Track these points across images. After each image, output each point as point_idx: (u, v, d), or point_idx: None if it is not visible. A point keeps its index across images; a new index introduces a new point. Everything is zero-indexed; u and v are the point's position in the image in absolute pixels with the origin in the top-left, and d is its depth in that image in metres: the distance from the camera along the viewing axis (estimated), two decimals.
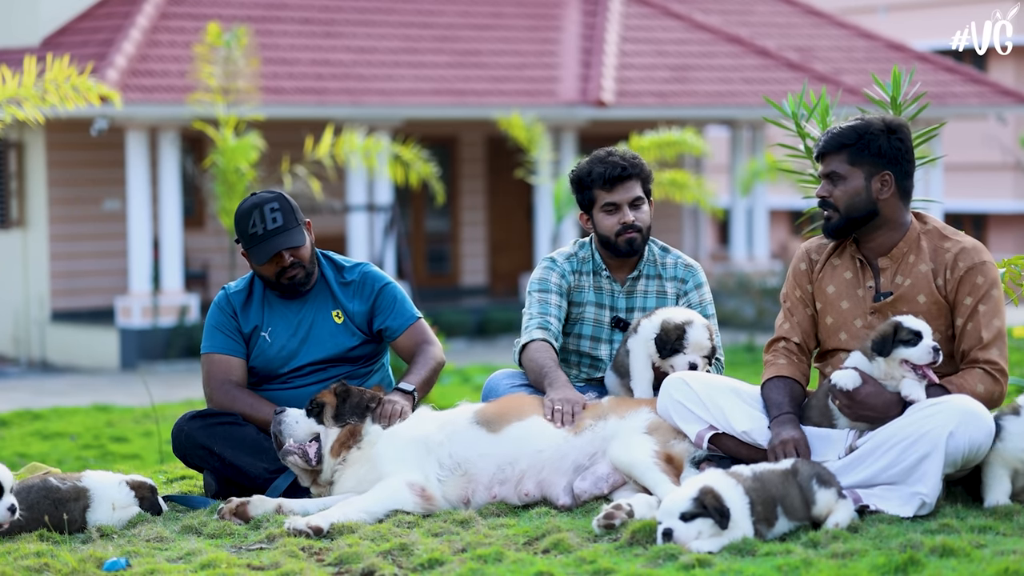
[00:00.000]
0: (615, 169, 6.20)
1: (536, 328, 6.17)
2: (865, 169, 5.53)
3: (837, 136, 5.56)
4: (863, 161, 5.52)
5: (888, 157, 5.52)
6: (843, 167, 5.54)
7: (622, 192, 6.21)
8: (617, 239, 6.22)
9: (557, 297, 6.25)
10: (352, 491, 5.69)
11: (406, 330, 6.29)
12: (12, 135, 22.87)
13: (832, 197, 5.56)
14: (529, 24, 26.48)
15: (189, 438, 6.15)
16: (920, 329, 5.30)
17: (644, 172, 6.26)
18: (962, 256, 5.50)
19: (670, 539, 4.89)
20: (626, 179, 6.21)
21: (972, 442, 5.19)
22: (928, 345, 5.28)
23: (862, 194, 5.52)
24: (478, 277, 27.65)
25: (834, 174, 5.56)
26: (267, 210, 6.18)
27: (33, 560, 5.03)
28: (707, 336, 5.90)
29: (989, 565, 4.58)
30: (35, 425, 14.52)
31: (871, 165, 5.52)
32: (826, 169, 5.58)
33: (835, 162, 5.56)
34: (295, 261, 6.20)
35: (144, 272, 22.14)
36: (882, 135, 5.52)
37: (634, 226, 6.21)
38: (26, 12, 23.35)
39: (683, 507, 4.90)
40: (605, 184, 6.20)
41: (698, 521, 4.90)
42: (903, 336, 5.30)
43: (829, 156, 5.58)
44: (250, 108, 18.61)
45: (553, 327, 6.18)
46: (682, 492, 4.97)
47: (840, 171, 5.55)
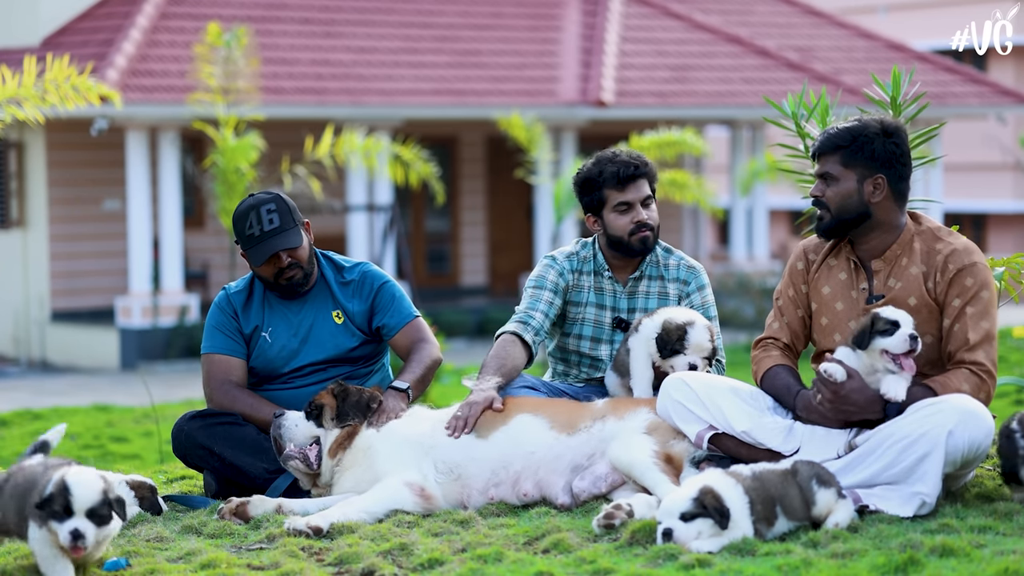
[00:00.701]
0: (628, 168, 6.20)
1: (514, 321, 6.18)
2: (858, 171, 5.53)
3: (832, 137, 5.56)
4: (856, 163, 5.52)
5: (882, 160, 5.52)
6: (836, 168, 5.55)
7: (634, 191, 6.21)
8: (631, 238, 6.22)
9: (550, 294, 6.24)
10: (351, 491, 5.70)
11: (403, 328, 6.29)
12: (12, 135, 22.87)
13: (825, 197, 5.56)
14: (529, 24, 26.48)
15: (189, 438, 6.15)
16: (897, 319, 5.31)
17: (652, 171, 6.29)
18: (952, 258, 5.50)
19: (670, 539, 4.90)
20: (638, 178, 6.22)
21: (972, 441, 5.19)
22: (905, 334, 5.27)
23: (854, 196, 5.53)
24: (478, 277, 27.66)
25: (827, 175, 5.56)
26: (264, 211, 6.18)
27: (33, 560, 5.02)
28: (708, 337, 5.90)
29: (989, 565, 4.58)
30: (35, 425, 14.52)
31: (864, 168, 5.52)
32: (820, 169, 5.59)
33: (829, 163, 5.56)
34: (293, 262, 6.19)
35: (144, 272, 22.14)
36: (877, 138, 5.52)
37: (647, 224, 6.22)
38: (26, 12, 23.35)
39: (683, 507, 4.90)
40: (618, 184, 6.20)
41: (698, 521, 4.90)
42: (880, 327, 5.30)
43: (824, 156, 5.58)
44: (250, 108, 18.60)
45: (534, 321, 6.17)
46: (682, 492, 4.97)
47: (833, 172, 5.55)
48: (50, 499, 4.77)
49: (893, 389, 5.30)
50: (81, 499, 4.77)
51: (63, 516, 4.77)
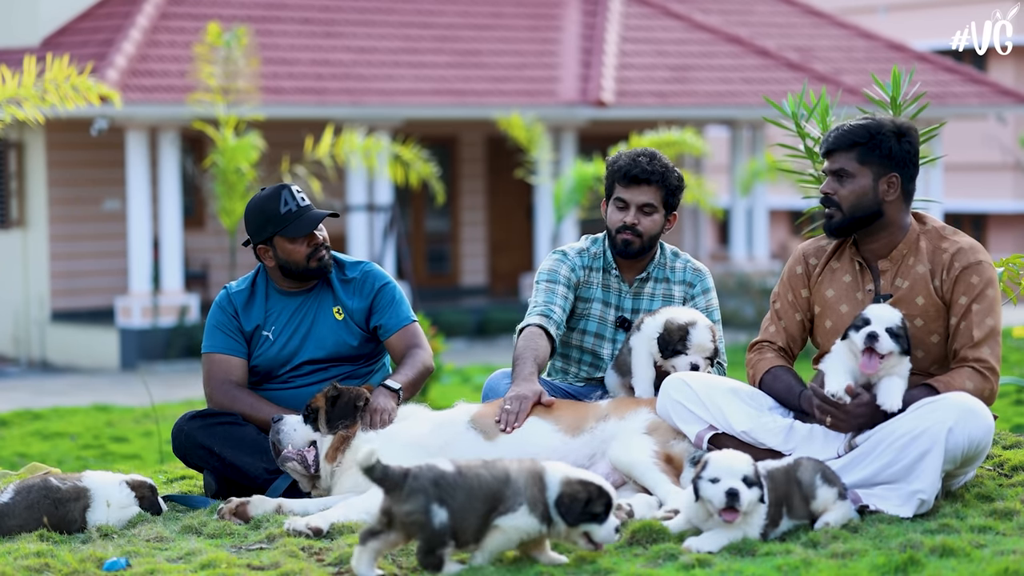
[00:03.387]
0: (634, 168, 6.19)
1: (537, 315, 6.15)
2: (874, 169, 5.51)
3: (848, 133, 5.52)
4: (872, 161, 5.50)
5: (897, 159, 5.51)
6: (852, 165, 5.52)
7: (635, 193, 6.20)
8: (616, 235, 6.23)
9: (564, 288, 6.23)
10: (351, 492, 5.69)
11: (399, 331, 6.29)
12: (12, 135, 22.87)
13: (837, 195, 5.53)
14: (529, 24, 26.48)
15: (189, 438, 6.15)
16: (870, 316, 5.28)
17: (666, 182, 6.20)
18: (958, 256, 5.50)
19: (735, 499, 4.85)
20: (643, 182, 6.18)
21: (972, 438, 5.19)
22: (866, 332, 5.24)
23: (869, 194, 5.50)
24: (478, 277, 27.65)
25: (842, 171, 5.52)
26: (293, 190, 6.25)
27: (33, 560, 5.03)
28: (710, 338, 5.89)
29: (989, 565, 4.58)
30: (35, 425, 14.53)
31: (880, 166, 5.51)
32: (833, 166, 5.54)
33: (844, 159, 5.53)
34: (324, 241, 6.22)
35: (144, 272, 22.14)
36: (893, 137, 5.51)
37: (633, 229, 6.18)
38: (26, 12, 23.36)
39: (746, 471, 4.88)
40: (622, 179, 6.20)
41: (755, 489, 4.88)
42: (856, 321, 5.31)
43: (838, 153, 5.54)
44: (250, 108, 18.61)
45: (556, 315, 6.16)
46: (740, 455, 4.94)
47: (849, 168, 5.52)
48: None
49: (889, 399, 5.29)
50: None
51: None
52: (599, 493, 4.70)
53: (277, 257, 6.26)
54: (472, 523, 4.68)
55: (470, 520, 4.67)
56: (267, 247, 6.26)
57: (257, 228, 6.25)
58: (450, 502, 4.64)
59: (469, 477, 4.70)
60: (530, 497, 4.69)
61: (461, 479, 4.69)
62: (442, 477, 4.67)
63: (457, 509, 4.65)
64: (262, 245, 6.27)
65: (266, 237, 6.23)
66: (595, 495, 4.69)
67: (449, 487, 4.66)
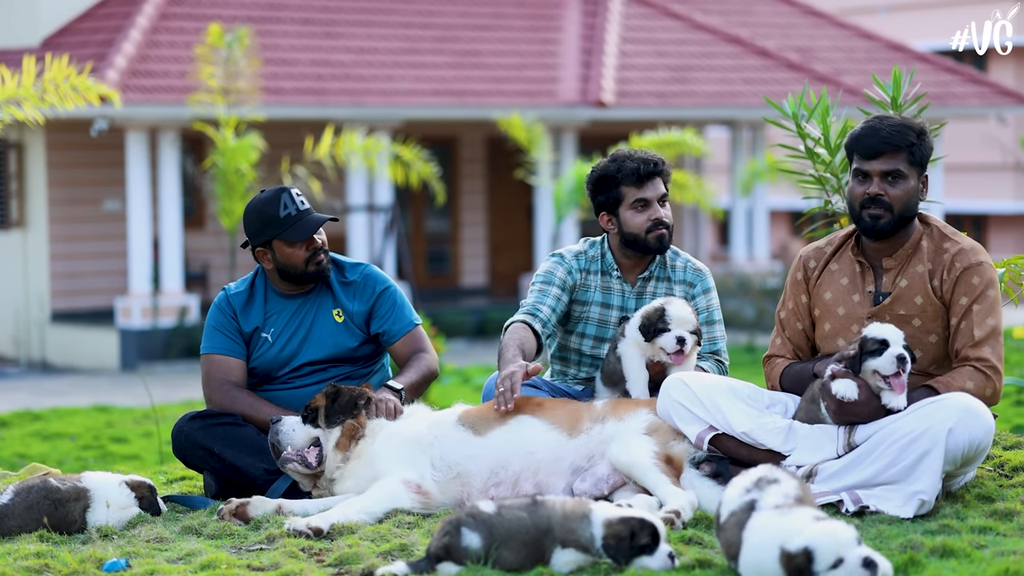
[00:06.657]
0: (648, 165, 6.19)
1: (522, 312, 6.16)
2: (917, 170, 5.52)
3: (900, 134, 5.48)
4: (917, 162, 5.51)
5: (926, 159, 5.54)
6: (904, 166, 5.48)
7: (652, 188, 6.20)
8: (648, 236, 6.20)
9: (558, 290, 6.23)
10: (351, 491, 5.69)
11: (403, 336, 6.29)
12: (12, 135, 22.87)
13: (888, 196, 5.47)
14: (529, 24, 26.48)
15: (189, 439, 6.15)
16: (885, 337, 5.26)
17: (668, 170, 6.28)
18: (959, 257, 5.50)
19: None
20: (656, 176, 6.21)
21: (972, 439, 5.19)
22: (892, 355, 5.23)
23: (914, 196, 5.51)
24: (478, 278, 27.65)
25: (897, 172, 5.47)
26: (293, 193, 6.24)
27: (33, 560, 5.03)
28: (689, 311, 5.88)
29: (989, 565, 4.58)
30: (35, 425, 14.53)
31: (920, 167, 5.53)
32: (885, 167, 5.48)
33: (897, 160, 5.48)
34: (323, 245, 6.21)
35: (144, 273, 22.14)
36: (925, 137, 5.53)
37: (664, 223, 6.20)
38: (26, 12, 23.36)
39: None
40: (637, 180, 6.18)
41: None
42: (868, 347, 5.27)
43: (889, 155, 5.48)
44: (250, 109, 18.61)
45: (542, 314, 6.15)
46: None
47: (903, 170, 5.47)
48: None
49: (894, 399, 5.29)
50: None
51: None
52: (641, 525, 4.64)
53: (275, 260, 6.25)
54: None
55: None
56: (266, 250, 6.25)
57: (256, 231, 6.24)
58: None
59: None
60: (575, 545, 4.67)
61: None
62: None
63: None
64: (260, 248, 6.26)
65: (265, 240, 6.23)
66: (638, 528, 4.64)
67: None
